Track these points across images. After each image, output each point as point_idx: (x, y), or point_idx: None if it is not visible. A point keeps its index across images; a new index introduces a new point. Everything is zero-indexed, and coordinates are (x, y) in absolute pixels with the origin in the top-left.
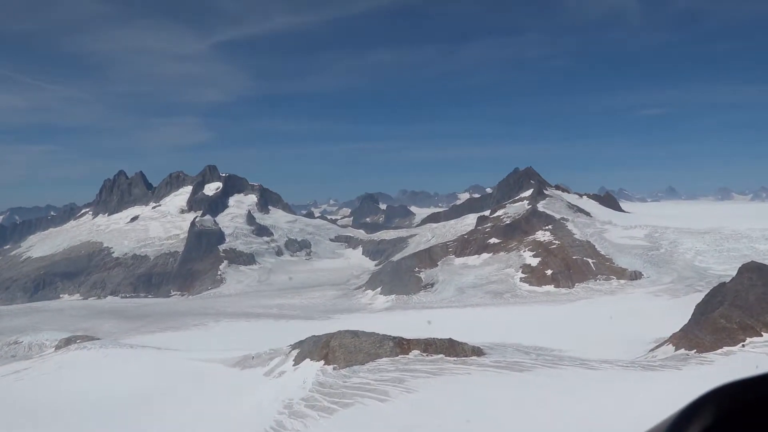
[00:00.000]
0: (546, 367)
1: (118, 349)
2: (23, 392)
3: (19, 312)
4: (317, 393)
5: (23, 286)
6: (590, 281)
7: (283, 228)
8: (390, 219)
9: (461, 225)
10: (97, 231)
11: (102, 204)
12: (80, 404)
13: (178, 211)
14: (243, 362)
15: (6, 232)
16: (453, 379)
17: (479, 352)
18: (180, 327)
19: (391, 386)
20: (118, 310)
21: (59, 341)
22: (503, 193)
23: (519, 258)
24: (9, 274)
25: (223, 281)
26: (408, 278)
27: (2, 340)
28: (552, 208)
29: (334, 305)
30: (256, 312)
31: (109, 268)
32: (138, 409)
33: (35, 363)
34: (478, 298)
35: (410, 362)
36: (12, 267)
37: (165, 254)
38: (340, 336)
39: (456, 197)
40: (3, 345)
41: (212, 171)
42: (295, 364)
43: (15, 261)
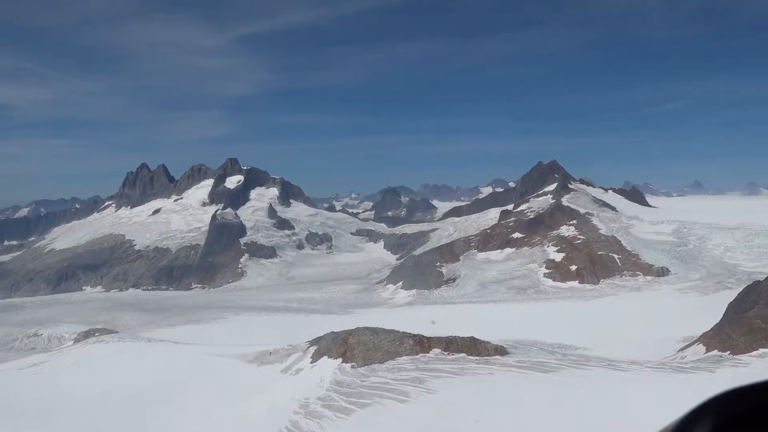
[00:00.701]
0: (572, 367)
1: (135, 342)
2: (40, 387)
3: (41, 304)
4: (334, 392)
5: (46, 278)
6: (616, 277)
7: (304, 221)
8: (412, 213)
9: (484, 219)
10: (119, 223)
11: (125, 197)
12: (95, 400)
13: (199, 204)
14: (260, 358)
15: (30, 225)
16: (475, 380)
17: (502, 351)
18: (199, 320)
19: (410, 386)
20: (138, 303)
21: (78, 334)
22: (527, 187)
23: (543, 253)
24: (33, 266)
25: (243, 274)
26: (429, 273)
27: (23, 332)
28: (577, 203)
29: (354, 299)
30: (276, 306)
31: (131, 260)
32: (153, 406)
33: (53, 356)
34: (500, 294)
35: (431, 361)
36: (36, 259)
37: (186, 247)
38: (359, 333)
39: (478, 191)
40: (23, 337)
41: (233, 164)
42: (312, 361)
43: (39, 253)
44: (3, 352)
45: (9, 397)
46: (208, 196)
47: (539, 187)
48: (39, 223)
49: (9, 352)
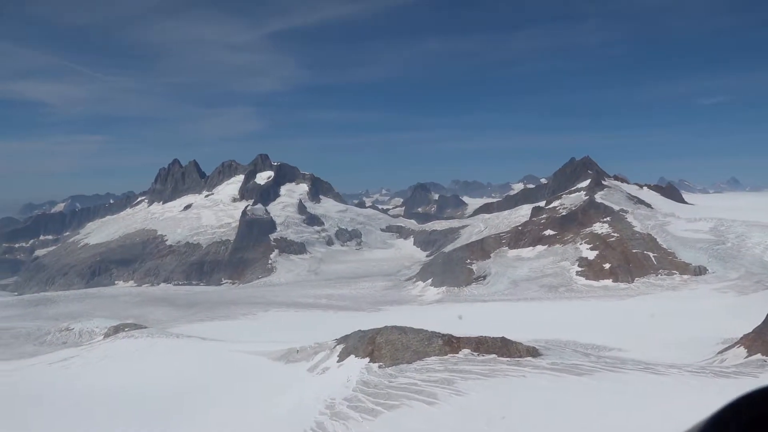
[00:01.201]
0: (607, 370)
1: (164, 338)
2: (69, 381)
3: (74, 298)
4: (361, 393)
5: (80, 272)
6: (651, 276)
7: (334, 217)
8: (442, 209)
9: (515, 216)
10: (151, 219)
11: (157, 192)
12: (122, 395)
13: (230, 200)
14: (287, 356)
15: (65, 220)
16: (506, 382)
17: (534, 352)
18: (228, 316)
19: (439, 388)
20: (169, 298)
21: (108, 329)
22: (559, 183)
23: (575, 251)
24: (67, 261)
25: (273, 270)
26: (459, 270)
27: (55, 326)
28: (610, 200)
29: (383, 296)
30: (305, 302)
31: (163, 255)
32: (178, 403)
33: (83, 351)
34: (532, 292)
35: (460, 362)
36: (70, 253)
37: (217, 242)
38: (387, 332)
39: (509, 187)
40: (55, 331)
41: (264, 160)
42: (339, 360)
43: (73, 247)
44: (36, 345)
45: (39, 391)
46: (239, 191)
47: (572, 184)
48: (74, 218)
49: (41, 346)
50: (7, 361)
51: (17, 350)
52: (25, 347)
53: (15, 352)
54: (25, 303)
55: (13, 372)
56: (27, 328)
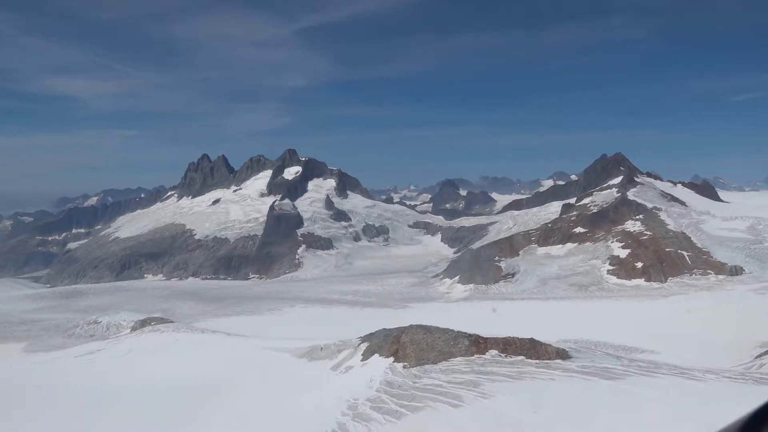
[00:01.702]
0: (640, 375)
1: (189, 333)
2: (92, 375)
3: (104, 291)
4: (384, 393)
5: (110, 265)
6: (685, 276)
7: (361, 213)
8: (470, 205)
9: (544, 213)
10: (180, 213)
11: (186, 187)
12: (144, 390)
13: (258, 195)
14: (311, 353)
15: (97, 213)
16: (534, 385)
17: (564, 354)
18: (254, 311)
19: (465, 390)
20: (196, 292)
21: (135, 322)
22: (590, 180)
23: (607, 249)
24: (98, 254)
25: (300, 265)
26: (487, 267)
27: (84, 319)
28: (643, 197)
29: (410, 293)
30: (331, 298)
31: (191, 249)
32: (199, 399)
33: (109, 344)
34: (561, 291)
35: (486, 363)
36: (101, 247)
37: (244, 237)
38: (412, 331)
39: (539, 184)
40: (84, 324)
41: (292, 155)
42: (363, 359)
43: (104, 241)
44: (64, 338)
45: (62, 386)
46: (267, 186)
47: (603, 181)
48: (105, 211)
49: (69, 338)
50: (34, 353)
51: (46, 342)
52: (54, 339)
53: (44, 344)
54: (57, 295)
55: (39, 365)
56: (57, 320)
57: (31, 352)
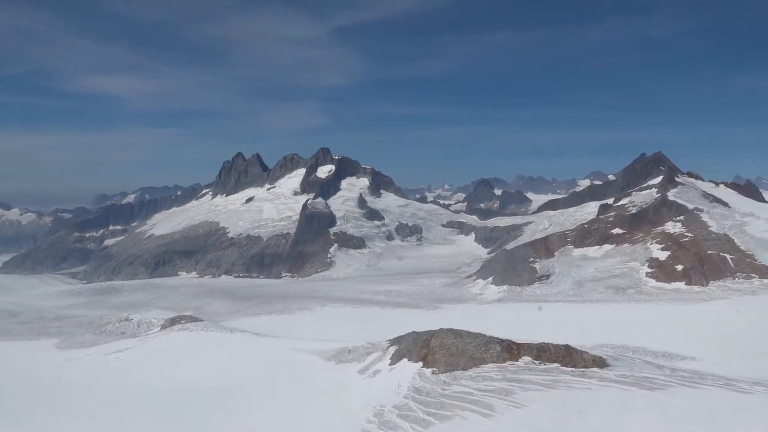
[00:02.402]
0: (683, 386)
1: (217, 332)
2: (119, 374)
3: (138, 287)
4: (412, 400)
5: (145, 263)
6: (727, 279)
7: (395, 212)
8: (505, 205)
9: (581, 213)
10: (214, 211)
11: (221, 185)
12: (168, 390)
13: (291, 193)
14: (339, 356)
15: (134, 211)
16: (569, 395)
17: (601, 362)
18: (285, 310)
19: (496, 398)
20: (229, 290)
21: (165, 320)
22: (628, 180)
23: (645, 251)
24: (133, 251)
25: (332, 264)
26: (522, 268)
27: (116, 316)
28: (684, 197)
29: (442, 294)
30: (362, 297)
31: (224, 247)
32: (224, 401)
33: (138, 342)
34: (598, 293)
35: (519, 370)
36: (137, 243)
37: (277, 235)
38: (442, 335)
39: (576, 184)
40: (116, 321)
41: (325, 154)
42: (391, 363)
43: (140, 238)
44: (96, 335)
45: (88, 384)
46: (300, 185)
47: (642, 181)
48: (142, 209)
49: (101, 336)
50: (66, 350)
51: (78, 339)
52: (86, 336)
53: (75, 341)
54: (92, 291)
55: (68, 363)
56: (90, 317)
57: (62, 348)
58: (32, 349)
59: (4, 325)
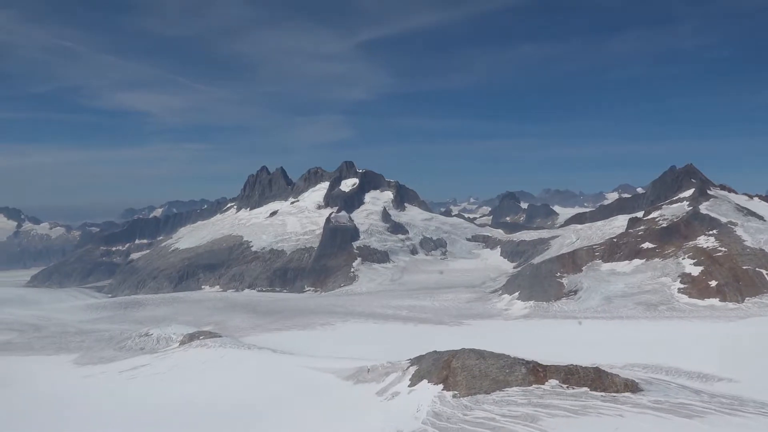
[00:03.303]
0: (723, 413)
1: (235, 349)
2: (131, 393)
3: (161, 302)
4: (431, 426)
5: (169, 276)
6: (764, 296)
7: (419, 226)
8: (531, 219)
9: (609, 227)
10: (238, 225)
11: (245, 199)
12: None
13: (315, 207)
14: (357, 375)
15: (160, 224)
16: (600, 423)
17: (634, 387)
18: (307, 325)
19: (521, 425)
20: (251, 304)
21: (184, 336)
22: (658, 193)
23: (677, 266)
24: (158, 264)
25: (355, 279)
26: (549, 283)
27: (136, 331)
28: (717, 211)
29: (467, 309)
30: (385, 313)
31: (248, 261)
32: (236, 424)
33: (155, 359)
34: (628, 310)
35: (546, 395)
36: (161, 257)
37: (301, 249)
38: (464, 356)
39: (603, 197)
40: (136, 336)
41: (349, 167)
42: (411, 384)
43: (165, 252)
44: (115, 350)
45: (99, 404)
46: (324, 198)
47: (673, 194)
48: (167, 222)
49: (120, 351)
50: (83, 366)
51: (97, 354)
52: (105, 351)
53: (94, 356)
54: (116, 305)
55: (83, 380)
56: (111, 332)
57: (81, 364)
58: (51, 365)
59: (27, 339)
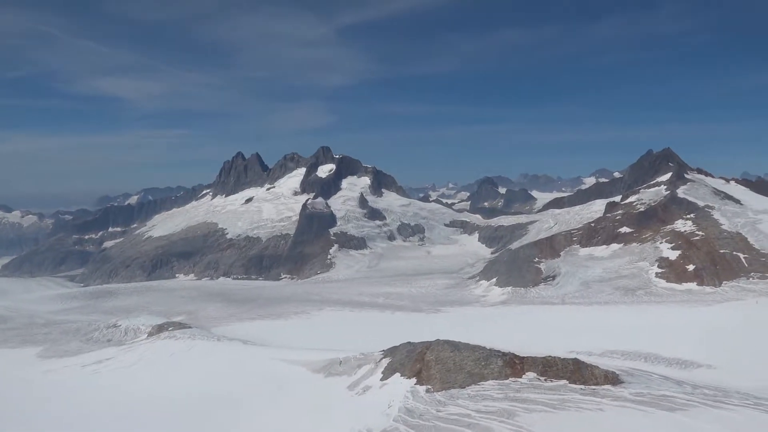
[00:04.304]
0: (706, 405)
1: (204, 341)
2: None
3: (133, 291)
4: (403, 424)
5: (142, 265)
6: (741, 279)
7: (396, 212)
8: (509, 204)
9: (587, 212)
10: (213, 212)
11: (221, 185)
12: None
13: (291, 193)
14: (329, 368)
15: (134, 212)
16: (579, 417)
17: (614, 379)
18: (281, 315)
19: (496, 421)
20: (226, 293)
21: (152, 328)
22: (636, 177)
23: (655, 250)
24: (131, 253)
25: (332, 266)
26: (526, 269)
27: (104, 322)
28: (694, 195)
29: (444, 296)
30: (361, 300)
31: (223, 249)
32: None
33: (121, 352)
34: (605, 295)
35: (523, 388)
36: (134, 245)
37: (277, 236)
38: (438, 348)
39: (581, 181)
40: (103, 327)
41: (326, 153)
42: (383, 378)
43: (138, 240)
44: (81, 342)
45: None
46: (300, 185)
47: (650, 178)
48: (142, 210)
49: (86, 343)
50: (47, 359)
51: (62, 347)
52: (71, 344)
53: (60, 349)
54: (87, 295)
55: (44, 375)
56: (79, 323)
57: (44, 357)
58: (14, 359)
59: None
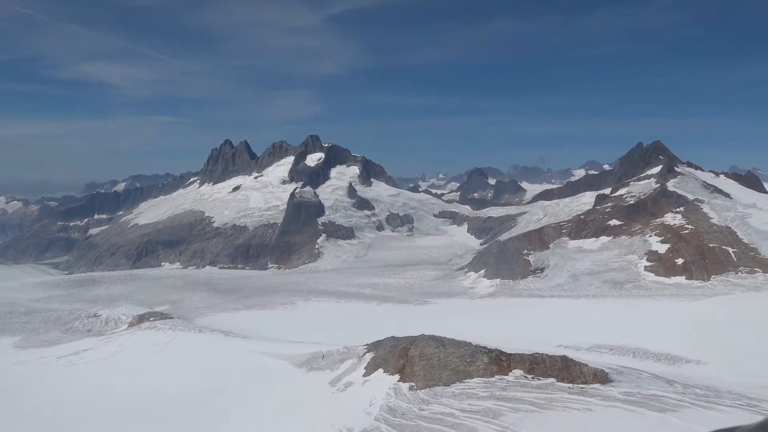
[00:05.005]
0: (698, 406)
1: (185, 332)
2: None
3: (118, 279)
4: (384, 423)
5: (127, 253)
6: (730, 274)
7: (385, 202)
8: (499, 195)
9: (577, 204)
10: (200, 200)
11: (208, 173)
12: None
13: (279, 182)
14: (311, 362)
15: (120, 199)
16: (567, 418)
17: (603, 377)
18: (266, 305)
19: (481, 421)
20: (211, 282)
21: (133, 318)
22: (626, 169)
23: (644, 243)
24: (116, 240)
25: (320, 255)
26: (515, 261)
27: (85, 312)
28: (684, 188)
29: (432, 287)
30: (348, 291)
31: (209, 237)
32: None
33: (100, 342)
34: (594, 288)
35: (510, 386)
36: (120, 233)
37: (264, 225)
38: (423, 343)
39: (571, 173)
40: (84, 317)
41: (315, 141)
42: (365, 373)
43: (123, 227)
44: (61, 332)
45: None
46: (288, 173)
47: (640, 170)
48: (128, 197)
49: (66, 333)
50: (24, 350)
51: (40, 337)
52: (50, 334)
53: (37, 339)
54: (70, 283)
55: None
56: (59, 312)
57: (21, 347)
58: None
59: None
